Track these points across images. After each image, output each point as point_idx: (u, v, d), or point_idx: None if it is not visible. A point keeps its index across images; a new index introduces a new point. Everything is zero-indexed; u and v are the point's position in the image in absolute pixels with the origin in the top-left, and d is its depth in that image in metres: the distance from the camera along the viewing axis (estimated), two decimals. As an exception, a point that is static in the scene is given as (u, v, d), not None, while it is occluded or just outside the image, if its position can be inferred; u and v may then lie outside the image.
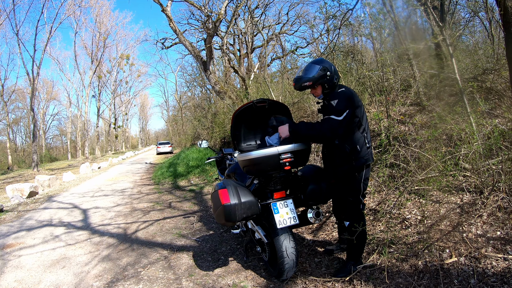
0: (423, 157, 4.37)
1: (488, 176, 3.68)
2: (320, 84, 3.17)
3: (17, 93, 46.51)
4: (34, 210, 8.06)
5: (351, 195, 3.21)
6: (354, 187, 3.18)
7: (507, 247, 2.85)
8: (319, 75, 3.13)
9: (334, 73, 3.19)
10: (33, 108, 27.47)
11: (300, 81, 3.20)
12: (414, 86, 6.36)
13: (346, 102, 3.00)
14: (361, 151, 3.08)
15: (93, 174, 17.37)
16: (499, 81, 5.55)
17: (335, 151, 3.15)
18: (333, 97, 3.04)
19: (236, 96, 12.83)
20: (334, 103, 2.99)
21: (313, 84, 3.16)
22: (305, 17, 21.07)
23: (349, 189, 3.21)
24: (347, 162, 3.09)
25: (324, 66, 3.15)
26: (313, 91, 3.29)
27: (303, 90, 3.38)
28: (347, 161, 3.09)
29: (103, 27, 43.40)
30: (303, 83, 3.18)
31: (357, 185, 3.17)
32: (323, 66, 3.14)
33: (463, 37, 8.18)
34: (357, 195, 3.21)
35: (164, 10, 12.14)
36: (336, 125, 2.95)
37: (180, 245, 4.79)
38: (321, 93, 3.24)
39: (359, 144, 3.08)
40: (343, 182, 3.25)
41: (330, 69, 3.16)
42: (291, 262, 3.08)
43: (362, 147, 3.08)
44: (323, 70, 3.12)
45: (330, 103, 3.02)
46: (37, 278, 3.92)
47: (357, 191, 3.19)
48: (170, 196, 8.83)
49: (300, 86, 3.23)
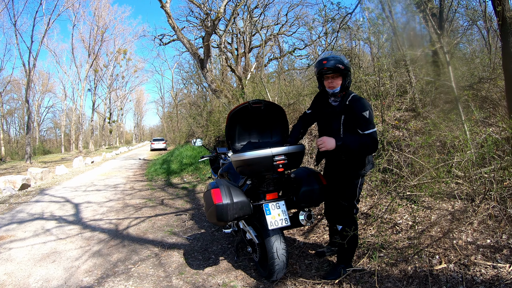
0: (416, 163, 4.39)
1: (480, 185, 3.71)
2: (343, 76, 3.07)
3: (12, 84, 46.29)
4: (25, 203, 8.01)
5: (346, 199, 3.23)
6: (351, 192, 3.20)
7: (496, 255, 2.87)
8: (348, 66, 3.06)
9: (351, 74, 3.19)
10: (28, 100, 27.34)
11: (336, 59, 3.03)
12: (410, 92, 6.39)
13: (371, 109, 3.01)
14: (370, 158, 3.24)
15: (86, 168, 17.28)
16: (494, 90, 5.59)
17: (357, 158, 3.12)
18: (363, 108, 2.95)
19: (232, 95, 12.81)
20: (367, 114, 2.93)
21: (344, 70, 3.03)
22: (304, 19, 21.15)
23: (345, 193, 3.23)
24: (361, 168, 3.15)
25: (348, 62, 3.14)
26: (330, 81, 3.10)
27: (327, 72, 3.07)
28: (361, 168, 3.14)
29: (101, 20, 43.20)
30: (338, 64, 3.00)
31: (354, 190, 3.20)
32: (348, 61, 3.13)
33: (460, 45, 8.23)
34: (353, 200, 3.23)
35: (164, 6, 12.09)
36: (376, 137, 2.98)
37: (171, 242, 4.78)
38: (338, 87, 3.09)
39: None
40: (340, 186, 3.27)
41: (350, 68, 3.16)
42: (281, 263, 3.09)
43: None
44: (349, 64, 3.09)
45: (362, 115, 2.94)
46: (27, 271, 3.90)
47: (353, 196, 3.22)
48: (163, 193, 8.81)
49: (334, 65, 3.00)
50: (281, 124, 3.74)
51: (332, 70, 3.02)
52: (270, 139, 3.82)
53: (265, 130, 3.83)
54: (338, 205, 3.31)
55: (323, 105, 3.33)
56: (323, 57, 3.10)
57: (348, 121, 3.06)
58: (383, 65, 6.29)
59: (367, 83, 6.51)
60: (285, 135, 3.76)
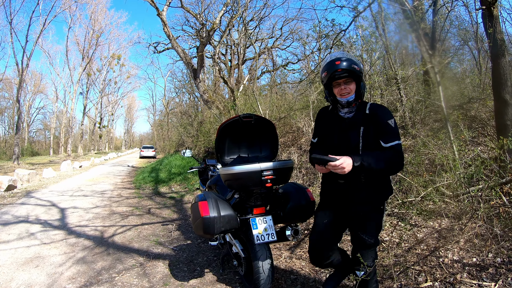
0: (404, 181, 4.42)
1: (467, 203, 3.74)
2: (358, 80, 2.54)
3: (4, 83, 45.79)
4: (11, 205, 7.92)
5: (371, 235, 2.62)
6: (377, 224, 2.65)
7: (482, 274, 2.88)
8: (362, 68, 2.58)
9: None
10: (19, 100, 27.07)
11: (350, 59, 2.49)
12: (400, 110, 6.46)
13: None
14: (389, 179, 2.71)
15: (74, 173, 17.12)
16: (483, 110, 5.67)
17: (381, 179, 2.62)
18: (388, 115, 2.47)
19: (223, 107, 12.84)
20: (392, 123, 2.44)
21: (359, 72, 2.50)
22: (298, 34, 21.26)
23: (369, 227, 2.61)
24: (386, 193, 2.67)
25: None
26: (343, 88, 2.53)
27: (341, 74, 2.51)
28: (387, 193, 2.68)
29: (97, 24, 43.18)
30: (353, 64, 2.47)
31: (380, 221, 2.67)
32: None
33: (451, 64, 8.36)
34: (378, 233, 2.70)
35: (160, 14, 12.15)
36: (402, 151, 2.47)
37: (156, 252, 4.73)
38: (353, 93, 2.54)
39: None
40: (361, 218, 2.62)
41: None
42: (266, 278, 3.07)
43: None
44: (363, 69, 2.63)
45: (387, 123, 2.44)
46: (9, 275, 3.83)
47: (379, 229, 2.70)
48: (150, 201, 8.74)
49: (350, 66, 2.45)
50: (270, 139, 3.75)
51: (348, 72, 2.48)
52: (260, 153, 3.83)
53: (255, 144, 3.84)
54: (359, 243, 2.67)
55: (334, 122, 2.71)
56: (335, 57, 2.53)
57: (369, 133, 2.50)
58: (374, 83, 6.36)
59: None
60: (274, 150, 3.77)
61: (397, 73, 6.34)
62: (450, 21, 7.57)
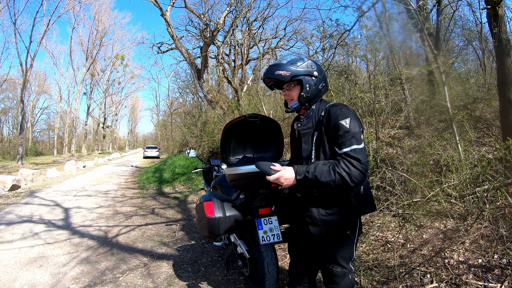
0: (409, 182, 4.40)
1: (473, 204, 3.72)
2: (299, 83, 2.20)
3: (8, 83, 46.07)
4: (15, 204, 7.95)
5: (337, 263, 2.22)
6: (348, 249, 2.21)
7: (488, 275, 2.86)
8: (303, 69, 2.18)
9: (323, 80, 2.26)
10: (23, 100, 27.15)
11: (275, 68, 2.20)
12: (405, 110, 6.44)
13: (358, 121, 2.05)
14: (366, 193, 2.17)
15: (78, 173, 17.16)
16: (488, 110, 5.64)
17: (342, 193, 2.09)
18: (341, 115, 2.02)
19: (227, 107, 12.84)
20: (347, 123, 1.98)
21: (290, 77, 2.16)
22: (302, 34, 21.31)
23: (335, 253, 2.22)
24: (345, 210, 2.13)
25: (314, 63, 2.24)
26: (286, 93, 2.29)
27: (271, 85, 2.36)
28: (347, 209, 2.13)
29: (101, 25, 43.31)
30: (278, 71, 2.17)
31: (351, 245, 2.22)
32: (313, 62, 2.24)
33: (455, 64, 8.34)
34: (349, 262, 2.24)
35: (164, 14, 12.17)
36: (363, 156, 1.97)
37: (160, 253, 4.73)
38: (296, 99, 2.24)
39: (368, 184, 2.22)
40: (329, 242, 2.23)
41: (319, 71, 2.24)
42: (272, 279, 3.06)
43: (365, 187, 2.16)
44: (310, 66, 2.20)
45: (338, 125, 2.00)
46: (13, 275, 3.84)
47: (351, 255, 2.23)
48: (154, 202, 8.75)
49: (271, 74, 2.20)
50: (276, 139, 3.73)
51: (272, 80, 2.27)
52: (265, 154, 3.81)
53: (260, 144, 3.82)
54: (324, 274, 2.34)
55: (292, 131, 2.42)
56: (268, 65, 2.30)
57: (321, 139, 2.12)
58: (379, 83, 6.34)
59: (362, 100, 6.55)
60: (279, 150, 3.76)
61: (401, 73, 6.32)
62: (454, 21, 7.56)
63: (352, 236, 2.18)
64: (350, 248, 2.20)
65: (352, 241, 2.19)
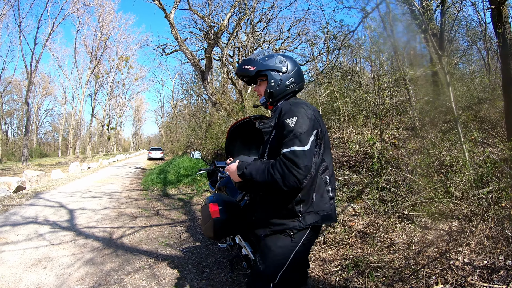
0: (414, 183, 4.39)
1: (478, 205, 3.71)
2: (267, 78, 2.13)
3: (13, 85, 46.38)
4: (20, 206, 7.99)
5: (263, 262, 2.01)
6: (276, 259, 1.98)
7: (493, 276, 2.85)
8: (269, 64, 2.12)
9: (294, 77, 2.14)
10: (28, 102, 27.33)
11: (243, 63, 2.21)
12: (410, 111, 6.42)
13: (310, 121, 1.89)
14: (318, 202, 1.97)
15: (82, 174, 17.22)
16: (493, 110, 5.62)
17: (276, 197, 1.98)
18: (288, 113, 1.90)
19: (231, 108, 12.86)
20: (292, 122, 1.85)
21: (255, 71, 2.13)
22: (306, 35, 21.31)
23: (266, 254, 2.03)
24: (289, 216, 1.96)
25: (284, 59, 2.15)
26: (256, 88, 2.26)
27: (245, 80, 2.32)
28: (290, 216, 1.96)
29: (105, 27, 43.38)
30: (245, 65, 2.16)
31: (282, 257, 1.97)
32: (282, 58, 2.15)
33: (460, 65, 8.31)
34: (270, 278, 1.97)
35: (168, 16, 12.20)
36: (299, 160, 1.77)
37: (165, 254, 4.74)
38: (263, 95, 2.19)
39: (317, 190, 1.97)
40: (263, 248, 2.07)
41: (290, 67, 2.13)
42: (276, 280, 3.06)
43: (321, 195, 1.98)
44: (279, 62, 2.12)
45: (284, 124, 1.88)
46: (18, 276, 3.86)
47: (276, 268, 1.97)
48: (159, 203, 8.77)
49: (239, 69, 2.21)
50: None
51: (242, 76, 2.25)
52: None
53: None
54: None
55: None
56: None
57: (274, 138, 2.03)
58: (383, 84, 6.33)
59: (366, 101, 6.55)
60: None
61: (406, 74, 6.30)
62: (459, 21, 7.54)
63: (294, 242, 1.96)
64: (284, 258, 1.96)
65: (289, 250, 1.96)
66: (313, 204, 1.94)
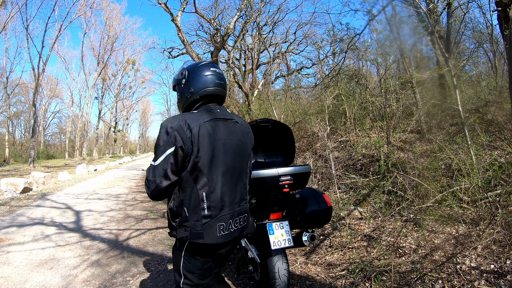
0: (421, 186, 4.37)
1: (485, 209, 3.68)
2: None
3: (20, 87, 46.65)
4: (26, 207, 8.04)
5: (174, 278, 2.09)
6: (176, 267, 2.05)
7: (500, 281, 2.83)
8: (175, 79, 2.17)
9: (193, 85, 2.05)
10: (35, 104, 27.58)
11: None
12: (416, 114, 6.40)
13: (167, 136, 1.87)
14: (191, 218, 1.90)
15: (89, 176, 17.29)
16: (500, 113, 5.59)
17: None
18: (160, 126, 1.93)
19: (238, 111, 12.87)
20: (157, 136, 1.93)
21: (172, 87, 2.20)
22: (312, 38, 21.23)
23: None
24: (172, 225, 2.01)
25: (185, 70, 2.10)
26: None
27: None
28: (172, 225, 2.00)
29: (112, 30, 43.67)
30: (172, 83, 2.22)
31: (177, 266, 2.04)
32: (184, 69, 2.11)
33: (466, 67, 8.28)
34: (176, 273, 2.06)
35: (174, 19, 12.23)
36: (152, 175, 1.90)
37: (171, 256, 4.73)
38: None
39: (188, 205, 1.91)
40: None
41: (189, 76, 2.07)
42: (282, 284, 3.05)
43: (195, 212, 1.90)
44: (180, 74, 2.11)
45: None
46: (24, 276, 3.88)
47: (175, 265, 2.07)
48: (165, 206, 8.72)
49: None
50: (287, 144, 3.74)
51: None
52: (276, 158, 3.82)
53: (272, 149, 3.83)
54: None
55: None
56: None
57: None
58: (389, 87, 6.32)
59: (373, 104, 6.53)
60: (291, 154, 3.75)
61: (412, 77, 6.28)
62: (465, 23, 7.50)
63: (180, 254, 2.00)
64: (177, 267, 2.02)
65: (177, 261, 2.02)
66: (187, 219, 1.91)
